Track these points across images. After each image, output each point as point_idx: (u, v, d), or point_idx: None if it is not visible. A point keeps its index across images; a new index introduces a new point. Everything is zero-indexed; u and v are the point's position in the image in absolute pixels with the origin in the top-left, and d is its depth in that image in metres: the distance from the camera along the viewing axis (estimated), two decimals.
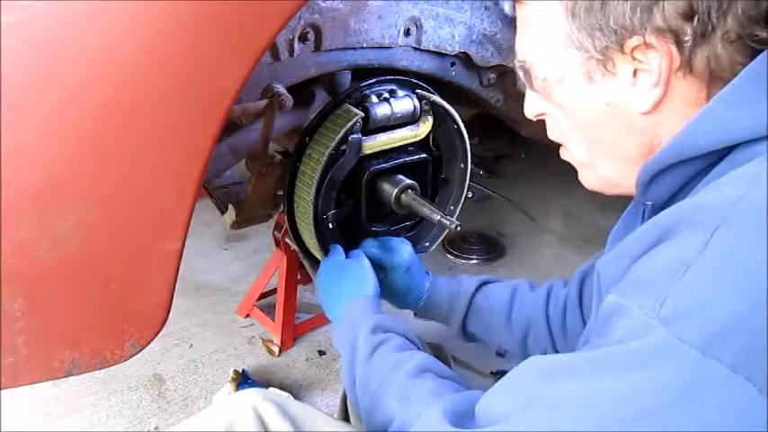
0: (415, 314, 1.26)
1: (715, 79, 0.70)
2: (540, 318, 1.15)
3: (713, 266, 0.59)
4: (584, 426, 0.60)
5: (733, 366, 0.55)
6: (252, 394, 0.86)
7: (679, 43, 0.69)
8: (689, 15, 0.68)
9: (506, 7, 0.85)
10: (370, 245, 1.24)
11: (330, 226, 1.25)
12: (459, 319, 1.21)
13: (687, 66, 0.70)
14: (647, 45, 0.70)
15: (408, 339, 0.98)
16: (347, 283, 1.12)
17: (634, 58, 0.71)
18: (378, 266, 1.22)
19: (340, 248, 1.21)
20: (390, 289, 1.22)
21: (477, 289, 1.22)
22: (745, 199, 0.60)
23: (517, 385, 0.69)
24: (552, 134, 0.86)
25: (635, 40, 0.70)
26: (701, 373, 0.56)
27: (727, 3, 0.68)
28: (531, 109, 0.86)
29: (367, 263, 1.15)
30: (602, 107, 0.75)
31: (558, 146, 0.88)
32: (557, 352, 1.16)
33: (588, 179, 0.85)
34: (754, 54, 0.69)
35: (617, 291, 0.66)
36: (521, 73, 0.83)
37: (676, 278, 0.59)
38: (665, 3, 0.68)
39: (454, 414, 0.73)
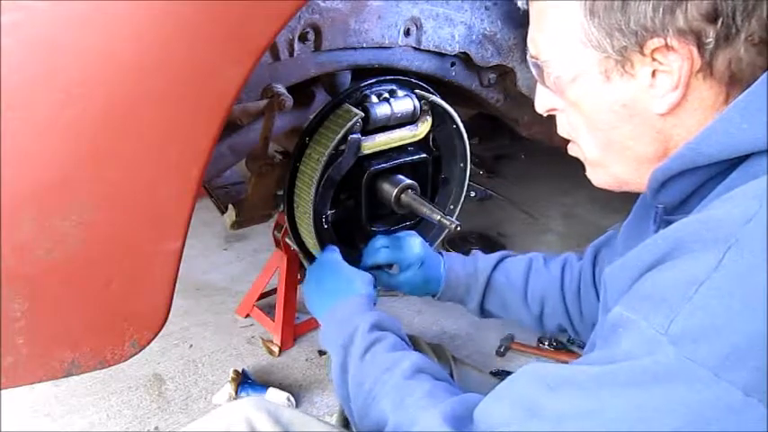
0: (435, 297, 1.26)
1: (735, 82, 0.69)
2: (556, 292, 1.16)
3: (725, 287, 0.58)
4: None
5: (746, 389, 0.55)
6: (245, 404, 0.86)
7: (701, 45, 0.67)
8: (713, 17, 0.66)
9: (519, 0, 0.83)
10: (381, 244, 1.24)
11: (330, 226, 1.25)
12: (478, 299, 1.21)
13: (708, 68, 0.68)
14: (667, 47, 0.68)
15: (401, 339, 0.98)
16: (341, 281, 1.11)
17: (654, 60, 0.69)
18: (391, 265, 1.23)
19: (335, 248, 1.20)
20: (408, 284, 1.22)
21: (494, 267, 1.22)
22: (757, 218, 0.59)
23: (519, 393, 0.68)
24: (562, 130, 0.84)
25: (655, 42, 0.68)
26: (715, 396, 0.55)
27: (752, 4, 0.66)
28: (543, 104, 0.84)
29: (365, 273, 1.15)
30: (617, 108, 0.73)
31: (565, 144, 0.86)
32: (573, 327, 1.17)
33: (597, 177, 0.83)
34: None
35: (624, 303, 0.65)
36: (533, 69, 0.80)
37: (687, 296, 0.58)
38: (689, 4, 0.66)
39: (453, 418, 0.73)
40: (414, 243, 1.23)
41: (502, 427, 0.67)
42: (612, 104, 0.74)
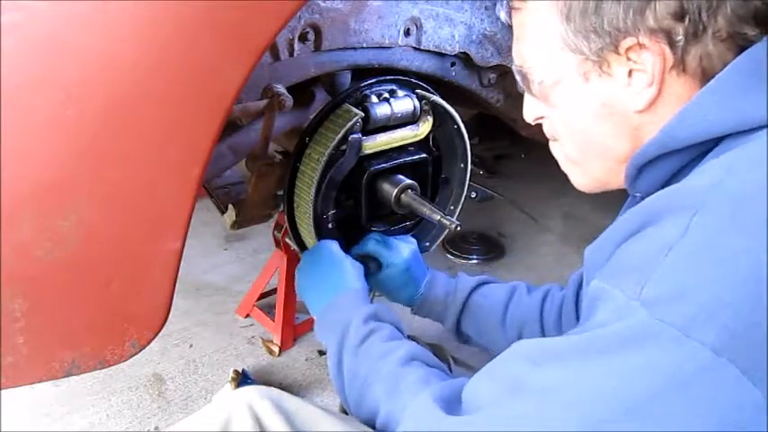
0: (413, 311, 1.27)
1: (707, 77, 0.72)
2: (535, 319, 1.16)
3: (692, 250, 0.60)
4: (574, 412, 0.61)
5: (715, 348, 0.56)
6: (248, 391, 0.87)
7: (671, 43, 0.70)
8: (680, 15, 0.69)
9: (502, 15, 0.87)
10: (373, 238, 1.25)
11: (330, 226, 1.25)
12: (454, 318, 1.22)
13: (680, 65, 0.72)
14: (640, 45, 0.71)
15: (398, 329, 0.99)
16: (337, 273, 1.12)
17: (628, 59, 0.73)
18: (376, 262, 1.23)
19: (327, 242, 1.20)
20: (385, 284, 1.23)
21: (474, 288, 1.22)
22: (722, 185, 0.62)
23: (504, 370, 0.70)
24: (547, 132, 0.88)
25: (629, 41, 0.71)
26: (685, 356, 0.57)
27: (716, 2, 0.69)
28: (530, 113, 0.88)
29: (358, 264, 1.15)
30: (597, 107, 0.77)
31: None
32: None
33: (578, 179, 0.87)
34: (743, 52, 0.71)
35: (601, 276, 0.67)
36: (519, 78, 0.84)
37: (657, 262, 0.61)
38: (657, 3, 0.69)
39: (443, 400, 0.74)
40: (404, 247, 1.24)
41: (489, 404, 0.68)
42: (592, 104, 0.77)
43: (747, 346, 0.56)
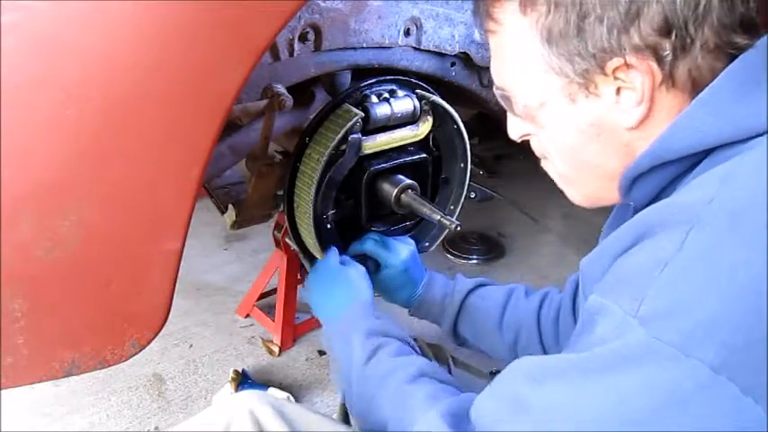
0: (410, 312, 1.27)
1: (697, 89, 0.70)
2: (532, 322, 1.15)
3: (688, 266, 0.59)
4: (574, 430, 0.60)
5: (713, 366, 0.55)
6: (249, 397, 0.87)
7: (659, 59, 0.68)
8: (666, 30, 0.67)
9: (476, 34, 0.84)
10: (371, 239, 1.25)
11: (330, 226, 1.25)
12: (451, 320, 1.21)
13: (669, 80, 0.69)
14: (627, 65, 0.69)
15: (406, 344, 0.98)
16: (341, 289, 1.12)
17: (616, 78, 0.70)
18: (374, 261, 1.23)
19: (335, 251, 1.21)
20: (383, 285, 1.23)
21: (472, 290, 1.22)
22: (717, 199, 0.61)
23: (507, 388, 0.70)
24: (536, 149, 0.86)
25: (615, 62, 0.69)
26: (684, 374, 0.56)
27: (702, 13, 0.67)
28: (515, 132, 0.85)
29: (361, 269, 1.16)
30: (585, 128, 0.75)
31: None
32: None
33: (572, 195, 0.85)
34: (733, 60, 0.69)
35: (598, 289, 0.67)
36: (501, 100, 0.82)
37: (653, 277, 0.60)
38: (641, 21, 0.67)
39: (452, 416, 0.74)
40: (402, 248, 1.24)
41: (494, 422, 0.68)
42: (580, 125, 0.75)
43: (747, 362, 0.55)
